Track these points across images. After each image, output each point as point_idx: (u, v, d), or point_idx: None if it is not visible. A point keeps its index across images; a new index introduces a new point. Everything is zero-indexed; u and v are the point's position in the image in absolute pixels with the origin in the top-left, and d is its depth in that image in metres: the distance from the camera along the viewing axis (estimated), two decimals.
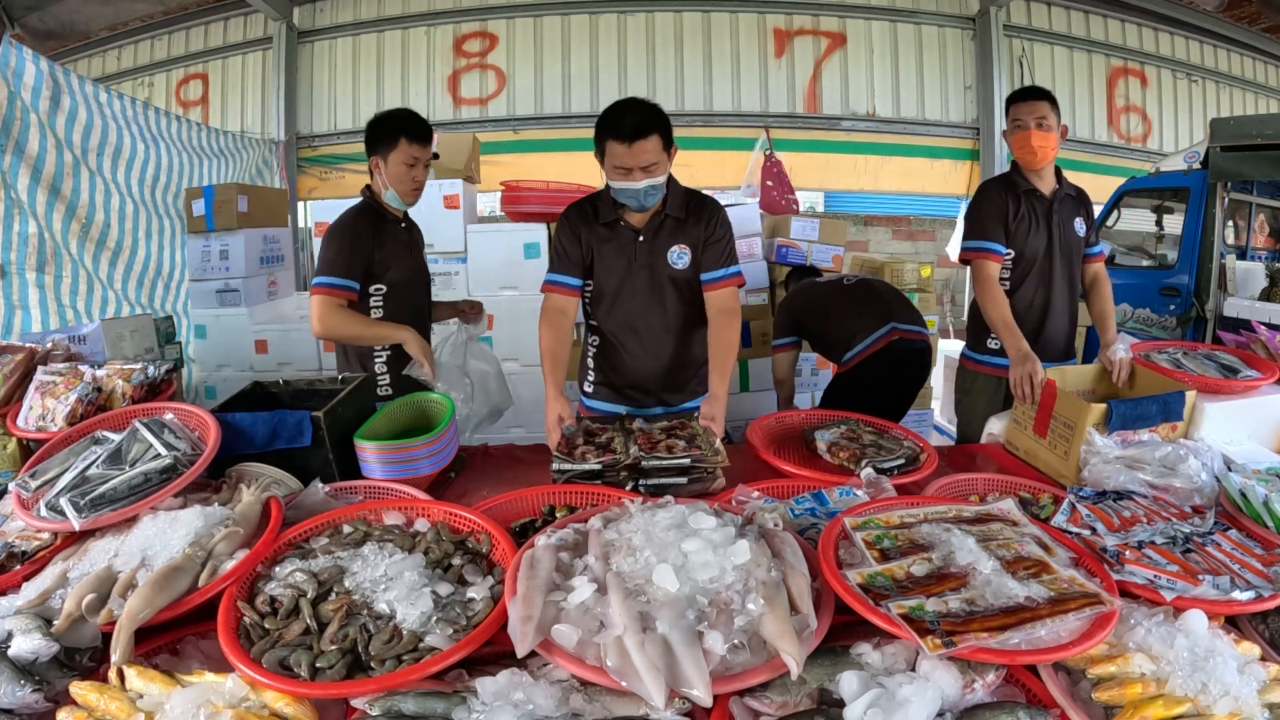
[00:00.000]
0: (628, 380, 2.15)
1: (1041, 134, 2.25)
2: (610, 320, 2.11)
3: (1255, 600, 1.14)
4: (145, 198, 4.24)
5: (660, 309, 2.08)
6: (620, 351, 2.13)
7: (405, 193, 2.17)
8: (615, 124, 1.86)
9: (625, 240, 2.04)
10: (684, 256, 2.05)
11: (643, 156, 1.86)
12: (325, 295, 2.04)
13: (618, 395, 2.17)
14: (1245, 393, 1.88)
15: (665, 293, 2.07)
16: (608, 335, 2.14)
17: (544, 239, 3.82)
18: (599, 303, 2.12)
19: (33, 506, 1.40)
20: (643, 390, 2.15)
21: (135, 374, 1.82)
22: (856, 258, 5.15)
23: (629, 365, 2.13)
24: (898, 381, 2.81)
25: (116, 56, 7.20)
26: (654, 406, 2.14)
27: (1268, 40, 7.28)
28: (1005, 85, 6.57)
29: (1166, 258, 4.87)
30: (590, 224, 2.05)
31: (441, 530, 1.31)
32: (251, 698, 0.98)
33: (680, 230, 2.05)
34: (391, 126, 2.12)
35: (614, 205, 2.03)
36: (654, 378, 2.13)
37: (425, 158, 2.16)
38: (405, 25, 6.74)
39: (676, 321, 2.10)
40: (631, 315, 2.08)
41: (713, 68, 6.61)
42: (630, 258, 2.04)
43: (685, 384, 2.17)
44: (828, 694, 0.98)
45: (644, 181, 1.89)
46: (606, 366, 2.17)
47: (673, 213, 2.03)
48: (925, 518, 1.27)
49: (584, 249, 2.06)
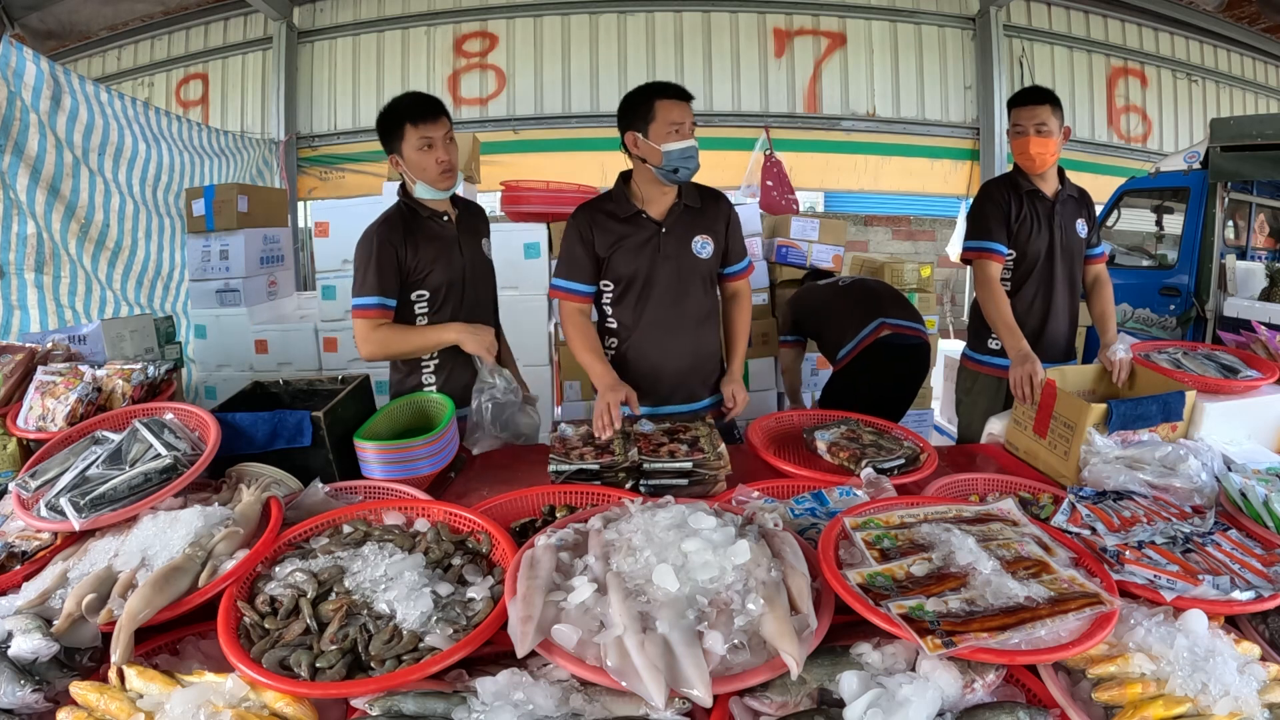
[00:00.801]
0: (654, 377, 2.09)
1: (1040, 140, 2.24)
2: (637, 316, 2.08)
3: (1255, 600, 1.14)
4: (146, 197, 4.24)
5: (688, 301, 2.08)
6: (646, 348, 2.09)
7: (433, 179, 1.97)
8: (663, 87, 1.98)
9: (648, 233, 2.04)
10: (707, 246, 2.08)
11: (689, 114, 1.98)
12: (362, 318, 1.94)
13: (641, 395, 2.10)
14: (1245, 393, 1.88)
15: (692, 284, 2.08)
16: (633, 332, 2.10)
17: (544, 239, 3.82)
18: (623, 300, 2.09)
19: (33, 506, 1.41)
20: (670, 386, 2.11)
21: (135, 374, 1.82)
22: (856, 258, 5.14)
23: (656, 361, 2.09)
24: (891, 378, 2.81)
25: (116, 56, 7.19)
26: (681, 404, 2.11)
27: (1268, 40, 7.28)
28: (1005, 85, 6.57)
29: (1166, 258, 4.87)
30: (603, 224, 2.05)
31: (441, 530, 1.31)
32: (251, 698, 0.98)
33: (699, 220, 2.08)
34: (393, 118, 1.97)
35: (631, 199, 2.04)
36: (680, 373, 2.11)
37: (439, 135, 1.95)
38: (405, 25, 6.73)
39: (702, 313, 2.12)
40: (660, 308, 2.07)
41: (713, 68, 6.61)
42: (655, 250, 2.04)
43: (709, 378, 2.17)
44: (828, 694, 0.98)
45: (693, 140, 1.97)
46: (630, 366, 2.11)
47: (690, 202, 2.07)
48: (925, 518, 1.27)
49: (597, 252, 2.05)
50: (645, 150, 1.97)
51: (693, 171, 2.01)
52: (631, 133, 1.99)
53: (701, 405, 2.15)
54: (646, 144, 1.96)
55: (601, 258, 2.06)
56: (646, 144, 1.96)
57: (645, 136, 1.96)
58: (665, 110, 1.95)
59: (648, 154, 1.97)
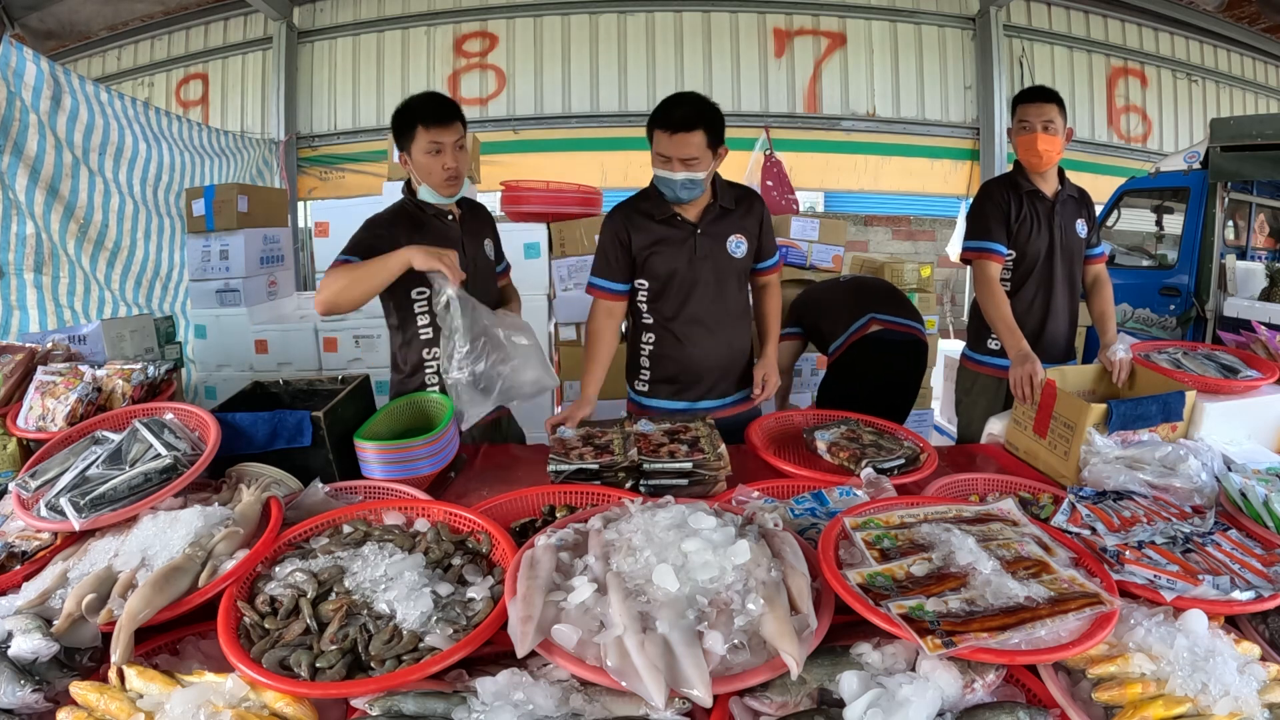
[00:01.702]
0: (692, 374, 2.15)
1: (1047, 138, 2.25)
2: (674, 314, 2.12)
3: (1255, 600, 1.14)
4: (145, 197, 4.23)
5: (724, 299, 2.13)
6: (684, 345, 2.13)
7: (437, 184, 1.95)
8: (664, 113, 1.95)
9: (684, 234, 2.07)
10: (741, 245, 2.12)
11: (684, 149, 1.92)
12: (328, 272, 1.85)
13: (677, 391, 2.17)
14: (1245, 393, 1.88)
15: (728, 282, 2.12)
16: (671, 330, 2.14)
17: (544, 239, 3.82)
18: (660, 298, 2.12)
19: (33, 506, 1.40)
20: (707, 383, 2.16)
21: (135, 374, 1.82)
22: (856, 258, 5.13)
23: (694, 358, 2.14)
24: (884, 373, 2.80)
25: (116, 56, 7.19)
26: (715, 399, 2.18)
27: (1268, 40, 7.27)
28: (1005, 85, 6.57)
29: (1166, 258, 4.87)
30: (640, 224, 2.07)
31: (441, 530, 1.31)
32: (251, 698, 0.98)
33: (733, 220, 2.11)
34: (407, 117, 1.92)
35: (666, 200, 2.06)
36: (718, 369, 2.16)
37: (451, 140, 1.91)
38: (405, 25, 6.73)
39: (737, 309, 2.17)
40: (699, 307, 2.11)
41: (713, 68, 6.61)
42: (692, 250, 2.07)
43: (742, 373, 2.22)
44: (828, 694, 0.98)
45: (681, 174, 1.95)
46: (667, 362, 2.16)
47: (724, 204, 2.10)
48: (925, 518, 1.27)
49: (632, 252, 2.08)
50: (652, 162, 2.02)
51: (683, 200, 2.02)
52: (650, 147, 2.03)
53: (733, 400, 2.22)
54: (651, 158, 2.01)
55: (637, 257, 2.09)
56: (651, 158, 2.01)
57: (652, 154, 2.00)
58: (657, 141, 1.97)
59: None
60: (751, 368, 2.23)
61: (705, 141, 1.93)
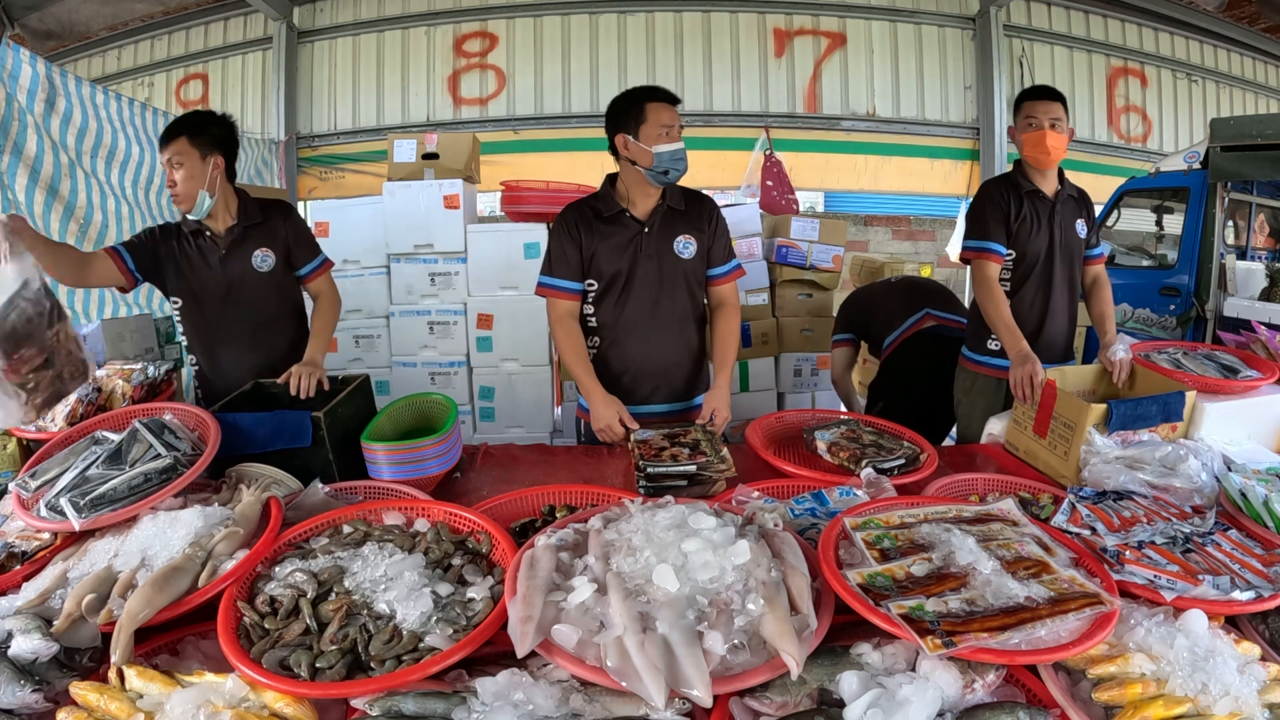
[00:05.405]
0: (635, 376, 2.12)
1: (1055, 135, 2.26)
2: (618, 314, 2.10)
3: (1255, 600, 1.14)
4: (140, 200, 4.22)
5: (669, 300, 2.09)
6: (627, 346, 2.11)
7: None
8: (653, 90, 2.03)
9: (630, 232, 2.06)
10: (690, 246, 2.09)
11: (678, 118, 2.02)
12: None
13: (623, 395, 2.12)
14: (1245, 393, 1.88)
15: (674, 283, 2.09)
16: (614, 331, 2.11)
17: (544, 239, 3.81)
18: (605, 298, 2.11)
19: (33, 506, 1.41)
20: (650, 387, 2.13)
21: (135, 374, 1.82)
22: (856, 258, 5.14)
23: (637, 360, 2.11)
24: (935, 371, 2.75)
25: (116, 56, 7.19)
26: (660, 403, 2.13)
27: (1268, 40, 7.27)
28: (1005, 85, 6.56)
29: (1166, 258, 4.87)
30: (590, 223, 2.06)
31: (441, 530, 1.31)
32: (251, 698, 0.98)
33: (682, 221, 2.09)
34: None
35: (616, 199, 2.06)
36: (662, 372, 2.13)
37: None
38: (405, 25, 6.72)
39: (684, 313, 2.13)
40: (640, 307, 2.08)
41: (713, 67, 6.60)
42: (637, 248, 2.06)
43: (693, 381, 2.18)
44: (828, 694, 0.98)
45: (681, 142, 2.00)
46: (611, 364, 2.13)
47: (673, 204, 2.09)
48: (925, 518, 1.27)
49: (583, 251, 2.07)
50: (635, 152, 1.99)
51: (681, 173, 2.03)
52: (622, 135, 2.01)
53: (684, 407, 2.17)
54: (637, 146, 1.98)
55: (586, 255, 2.07)
56: (637, 146, 1.98)
57: (636, 138, 1.98)
58: (656, 113, 1.98)
59: (638, 156, 1.99)
60: (705, 372, 2.20)
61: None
